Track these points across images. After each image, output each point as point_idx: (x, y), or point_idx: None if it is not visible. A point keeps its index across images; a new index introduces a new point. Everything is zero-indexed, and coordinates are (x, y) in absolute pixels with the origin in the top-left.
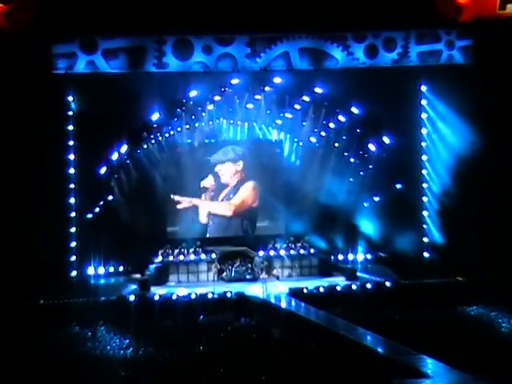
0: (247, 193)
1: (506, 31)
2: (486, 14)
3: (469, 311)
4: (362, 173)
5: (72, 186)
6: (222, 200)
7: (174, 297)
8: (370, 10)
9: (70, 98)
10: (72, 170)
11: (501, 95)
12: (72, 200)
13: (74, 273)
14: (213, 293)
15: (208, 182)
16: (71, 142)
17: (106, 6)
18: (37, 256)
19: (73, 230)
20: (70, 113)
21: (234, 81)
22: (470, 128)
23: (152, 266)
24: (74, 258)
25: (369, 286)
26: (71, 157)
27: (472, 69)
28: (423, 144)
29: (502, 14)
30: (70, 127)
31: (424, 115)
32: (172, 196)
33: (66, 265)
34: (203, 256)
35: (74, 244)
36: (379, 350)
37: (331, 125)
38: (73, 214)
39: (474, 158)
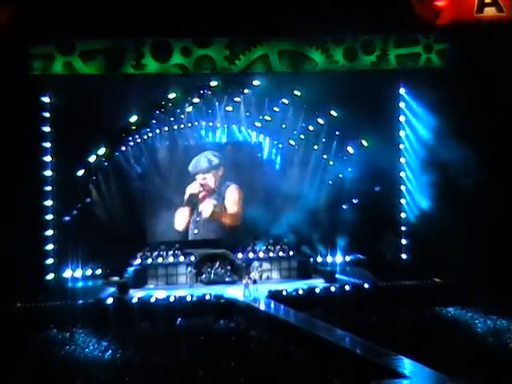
0: (237, 199)
1: (483, 34)
2: (463, 17)
3: (446, 312)
4: (340, 175)
5: (49, 188)
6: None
7: (152, 299)
8: (349, 13)
9: (47, 100)
10: (49, 173)
11: (478, 98)
12: (49, 203)
13: (51, 276)
14: (192, 295)
15: (195, 187)
16: (48, 144)
17: (83, 8)
18: (13, 259)
19: (50, 232)
20: (47, 114)
21: (213, 83)
22: (447, 130)
23: (130, 269)
24: (51, 261)
25: (347, 288)
26: (48, 159)
27: (450, 72)
28: (401, 146)
29: (480, 17)
30: (47, 129)
31: (402, 118)
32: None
33: (43, 268)
34: (182, 258)
35: (50, 247)
36: (357, 351)
37: (310, 127)
38: (50, 217)
39: (451, 160)
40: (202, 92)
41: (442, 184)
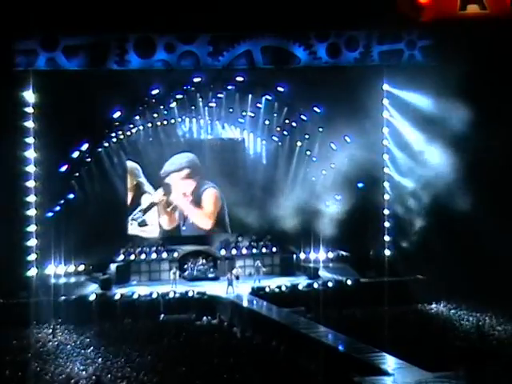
0: (214, 202)
1: (466, 31)
2: (446, 14)
3: (429, 309)
4: (324, 171)
5: (32, 183)
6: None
7: (135, 296)
8: (332, 9)
9: (30, 95)
10: (32, 168)
11: (460, 94)
12: (31, 198)
13: (33, 272)
14: (175, 292)
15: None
16: (31, 140)
17: (67, 3)
18: None
19: (32, 228)
20: (31, 110)
21: (197, 79)
22: (430, 126)
23: (113, 265)
24: (33, 256)
25: (330, 284)
26: (30, 154)
27: (432, 68)
28: (384, 142)
29: (463, 14)
30: (31, 124)
31: (385, 114)
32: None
33: (26, 264)
34: (165, 255)
35: (33, 242)
36: (340, 347)
37: (294, 123)
38: (32, 212)
39: (434, 155)
40: (185, 88)
41: (425, 180)
